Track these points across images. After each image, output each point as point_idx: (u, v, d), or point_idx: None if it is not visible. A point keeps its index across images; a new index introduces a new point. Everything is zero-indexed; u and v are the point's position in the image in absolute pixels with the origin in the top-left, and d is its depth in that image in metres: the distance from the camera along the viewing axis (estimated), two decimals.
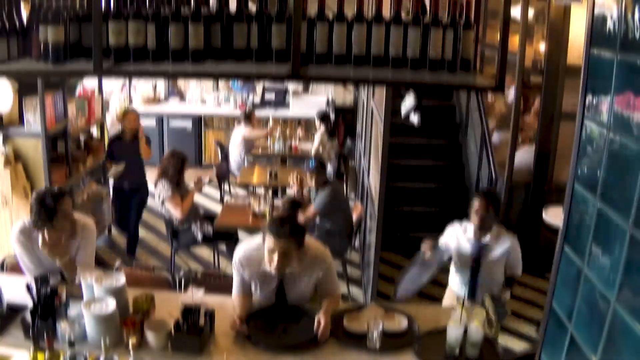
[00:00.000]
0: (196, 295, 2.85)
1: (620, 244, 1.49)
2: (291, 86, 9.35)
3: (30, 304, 2.75)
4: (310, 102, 9.27)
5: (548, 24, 5.55)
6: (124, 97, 9.32)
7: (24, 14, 2.29)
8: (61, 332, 2.62)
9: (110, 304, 2.68)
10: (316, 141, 7.22)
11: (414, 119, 4.53)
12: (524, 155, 5.89)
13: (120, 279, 2.83)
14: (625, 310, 1.47)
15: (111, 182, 6.03)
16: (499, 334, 3.22)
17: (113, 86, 9.00)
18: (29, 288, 2.77)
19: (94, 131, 6.38)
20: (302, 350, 2.72)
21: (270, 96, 9.47)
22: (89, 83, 6.48)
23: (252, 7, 2.14)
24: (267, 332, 2.85)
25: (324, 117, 7.44)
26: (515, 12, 5.53)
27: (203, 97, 9.47)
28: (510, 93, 5.86)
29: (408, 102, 6.52)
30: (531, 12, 6.32)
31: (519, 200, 5.83)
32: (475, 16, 2.15)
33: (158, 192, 5.12)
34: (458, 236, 3.83)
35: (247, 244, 3.13)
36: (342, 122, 9.33)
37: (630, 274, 1.46)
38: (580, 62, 1.77)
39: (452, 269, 3.92)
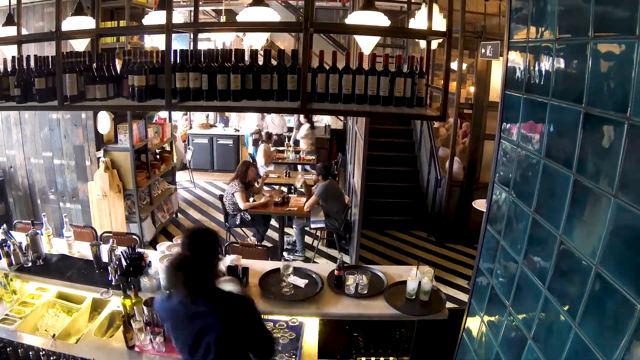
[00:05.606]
0: (234, 259, 2.84)
1: (525, 223, 1.50)
2: (301, 116, 9.33)
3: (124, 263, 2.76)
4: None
5: (476, 73, 5.56)
6: (186, 123, 9.31)
7: (118, 67, 2.29)
8: (143, 284, 2.63)
9: None
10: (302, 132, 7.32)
11: None
12: (459, 163, 5.89)
13: None
14: (528, 269, 1.47)
15: None
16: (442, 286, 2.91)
17: (179, 116, 9.00)
18: (122, 254, 2.78)
19: (166, 147, 6.38)
20: (305, 298, 2.71)
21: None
22: (162, 114, 6.48)
23: (274, 62, 2.15)
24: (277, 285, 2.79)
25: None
26: (454, 65, 5.58)
27: (239, 125, 9.45)
28: (450, 121, 5.87)
29: None
30: (465, 65, 6.32)
31: (456, 194, 5.83)
32: (426, 68, 2.15)
33: (230, 187, 5.07)
34: None
35: None
36: (335, 141, 9.31)
37: (532, 244, 1.47)
38: (498, 100, 1.77)
39: None
